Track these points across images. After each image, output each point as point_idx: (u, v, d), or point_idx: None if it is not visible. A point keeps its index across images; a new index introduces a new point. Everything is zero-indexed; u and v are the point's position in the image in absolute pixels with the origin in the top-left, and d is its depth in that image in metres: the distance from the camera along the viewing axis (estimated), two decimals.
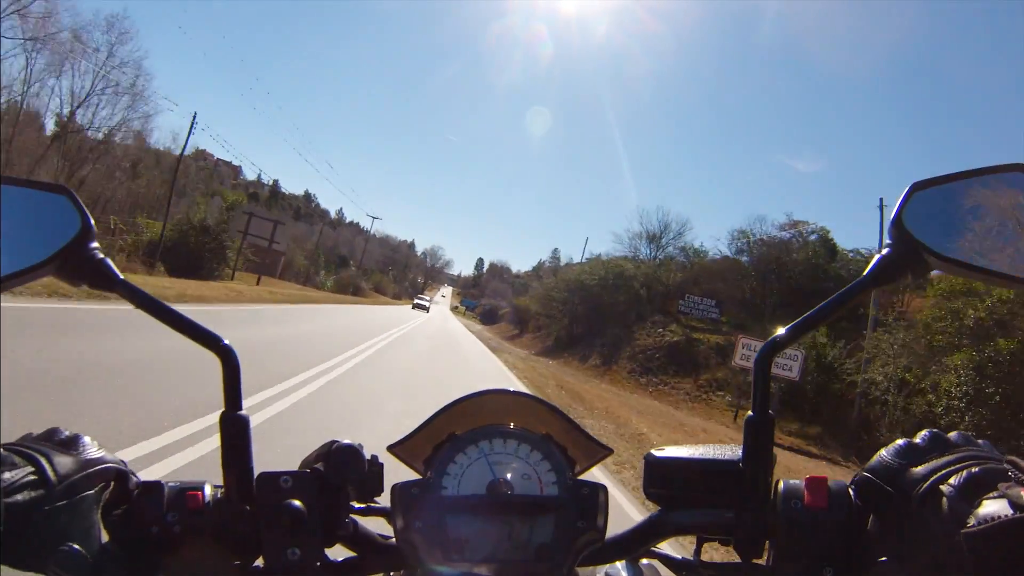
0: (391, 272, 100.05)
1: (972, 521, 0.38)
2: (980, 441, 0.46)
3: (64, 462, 0.44)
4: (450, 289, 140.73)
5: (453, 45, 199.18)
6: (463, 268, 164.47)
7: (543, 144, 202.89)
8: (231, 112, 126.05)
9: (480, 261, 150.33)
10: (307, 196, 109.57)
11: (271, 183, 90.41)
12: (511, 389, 0.57)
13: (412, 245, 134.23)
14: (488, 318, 75.20)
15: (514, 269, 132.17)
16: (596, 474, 4.24)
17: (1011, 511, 0.37)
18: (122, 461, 0.49)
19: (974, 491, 0.40)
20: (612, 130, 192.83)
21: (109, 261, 0.51)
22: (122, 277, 0.51)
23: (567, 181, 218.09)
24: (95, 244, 0.51)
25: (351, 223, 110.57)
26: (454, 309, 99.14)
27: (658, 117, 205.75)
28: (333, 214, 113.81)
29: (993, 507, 0.38)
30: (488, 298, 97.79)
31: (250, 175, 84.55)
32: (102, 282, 0.51)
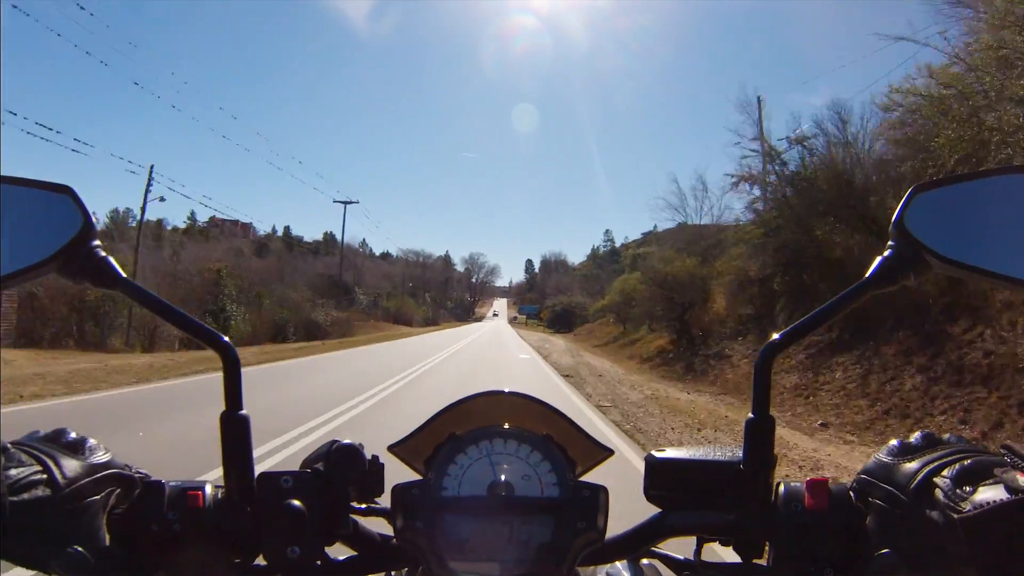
0: (428, 293, 79.89)
1: (968, 507, 0.38)
2: (973, 442, 0.47)
3: (71, 466, 0.44)
4: (503, 301, 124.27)
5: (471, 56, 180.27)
6: (512, 275, 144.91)
7: (572, 125, 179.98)
8: (242, 173, 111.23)
9: (529, 263, 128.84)
10: (327, 237, 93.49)
11: (283, 230, 79.01)
12: (510, 390, 0.56)
13: (448, 259, 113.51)
14: (561, 323, 53.84)
15: (570, 261, 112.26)
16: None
17: (1007, 495, 0.37)
18: (128, 466, 0.49)
19: (968, 480, 0.40)
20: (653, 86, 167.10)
21: (111, 259, 0.51)
22: (124, 275, 0.51)
23: (605, 156, 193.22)
24: (97, 242, 0.51)
25: (384, 255, 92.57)
26: (512, 320, 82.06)
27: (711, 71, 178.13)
28: (357, 246, 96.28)
29: (989, 493, 0.38)
30: (551, 297, 76.37)
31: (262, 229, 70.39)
32: (104, 280, 0.51)
